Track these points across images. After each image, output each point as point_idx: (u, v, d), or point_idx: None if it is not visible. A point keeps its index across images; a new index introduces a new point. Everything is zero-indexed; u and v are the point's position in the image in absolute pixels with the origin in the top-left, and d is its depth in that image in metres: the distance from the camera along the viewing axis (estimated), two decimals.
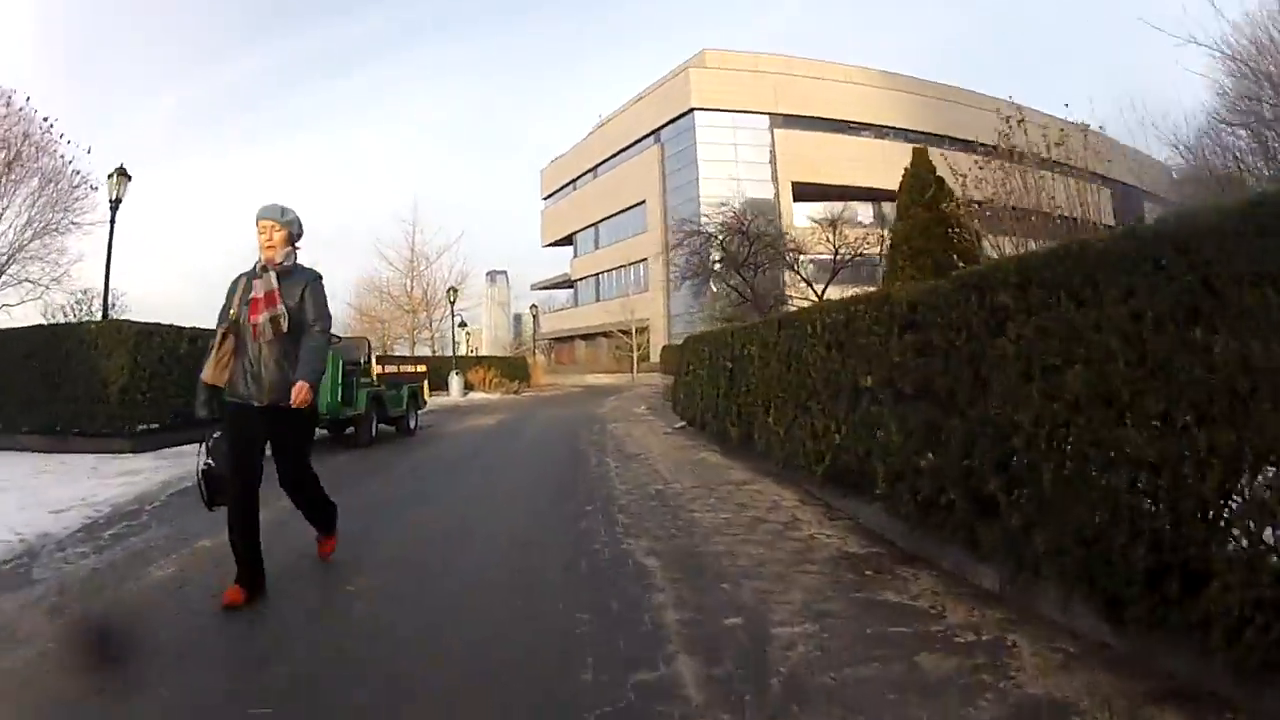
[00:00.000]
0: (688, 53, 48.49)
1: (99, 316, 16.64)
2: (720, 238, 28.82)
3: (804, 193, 43.54)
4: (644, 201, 47.75)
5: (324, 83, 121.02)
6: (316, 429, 10.63)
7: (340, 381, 10.09)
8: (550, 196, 61.83)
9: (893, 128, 45.60)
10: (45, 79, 79.75)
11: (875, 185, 37.28)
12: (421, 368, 16.50)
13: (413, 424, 13.01)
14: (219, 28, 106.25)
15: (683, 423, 12.91)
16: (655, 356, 43.29)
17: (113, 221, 14.18)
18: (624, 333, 42.58)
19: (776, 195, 44.02)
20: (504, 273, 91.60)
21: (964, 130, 37.08)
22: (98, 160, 21.58)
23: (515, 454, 10.72)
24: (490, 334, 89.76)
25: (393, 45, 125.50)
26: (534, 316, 50.96)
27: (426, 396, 14.62)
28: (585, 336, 54.40)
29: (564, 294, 62.00)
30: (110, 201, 13.92)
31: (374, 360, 12.46)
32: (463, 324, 41.62)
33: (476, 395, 27.23)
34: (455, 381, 26.65)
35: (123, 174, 13.91)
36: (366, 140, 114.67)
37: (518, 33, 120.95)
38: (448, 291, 32.00)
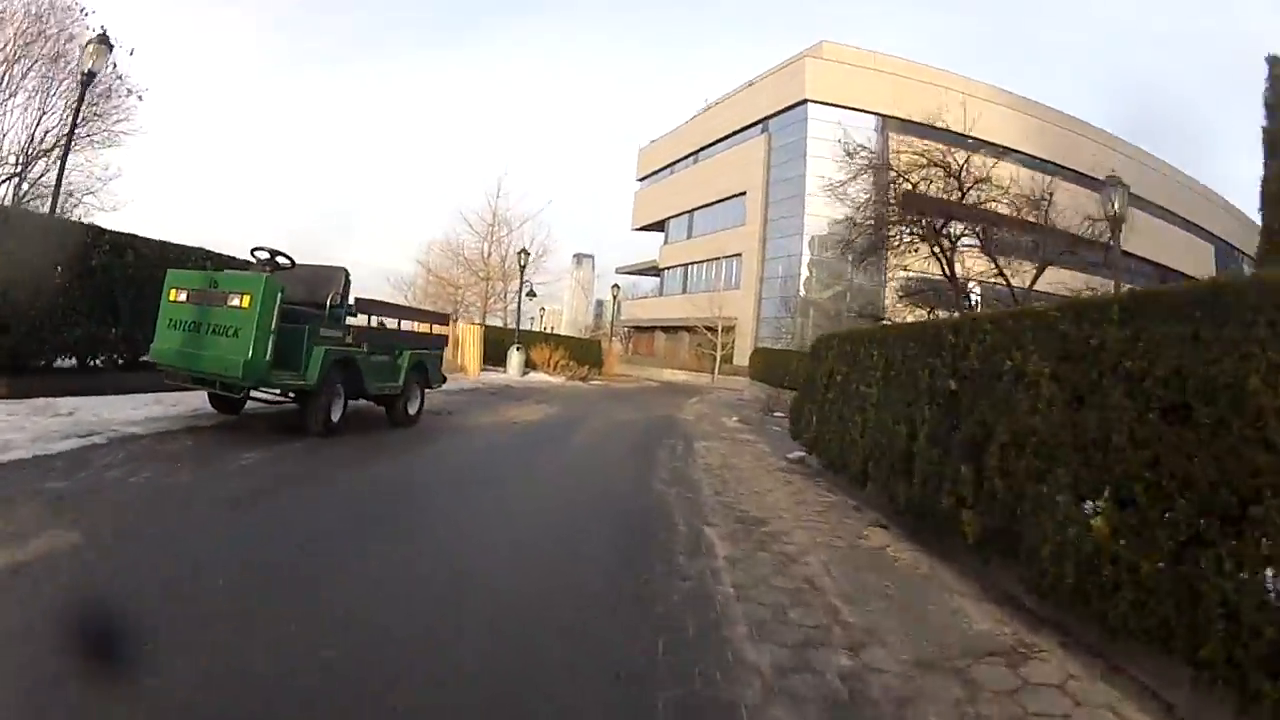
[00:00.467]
0: (803, 44, 43.93)
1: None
2: (911, 178, 19.86)
3: (910, 201, 38.66)
4: (744, 193, 43.71)
5: (424, 51, 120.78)
6: (250, 398, 7.15)
7: (275, 330, 6.29)
8: (646, 178, 58.17)
9: (1011, 149, 40.13)
10: None
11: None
12: (441, 328, 11.98)
13: (413, 408, 9.23)
14: None
15: (800, 453, 8.79)
16: (740, 359, 39.24)
17: (80, 98, 10.84)
18: (709, 329, 38.45)
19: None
20: (590, 256, 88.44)
21: (1083, 164, 31.83)
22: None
23: (544, 485, 6.82)
24: (570, 315, 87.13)
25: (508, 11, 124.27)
26: (614, 300, 47.21)
27: (470, 366, 10.73)
28: (667, 329, 50.55)
29: (649, 282, 58.51)
30: (82, 75, 10.77)
31: (351, 302, 8.38)
32: (531, 293, 37.90)
33: (537, 377, 23.70)
34: (515, 358, 23.15)
35: (103, 41, 10.73)
36: (468, 108, 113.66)
37: (630, 8, 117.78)
38: (519, 254, 28.17)
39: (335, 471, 6.09)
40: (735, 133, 46.42)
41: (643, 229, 59.04)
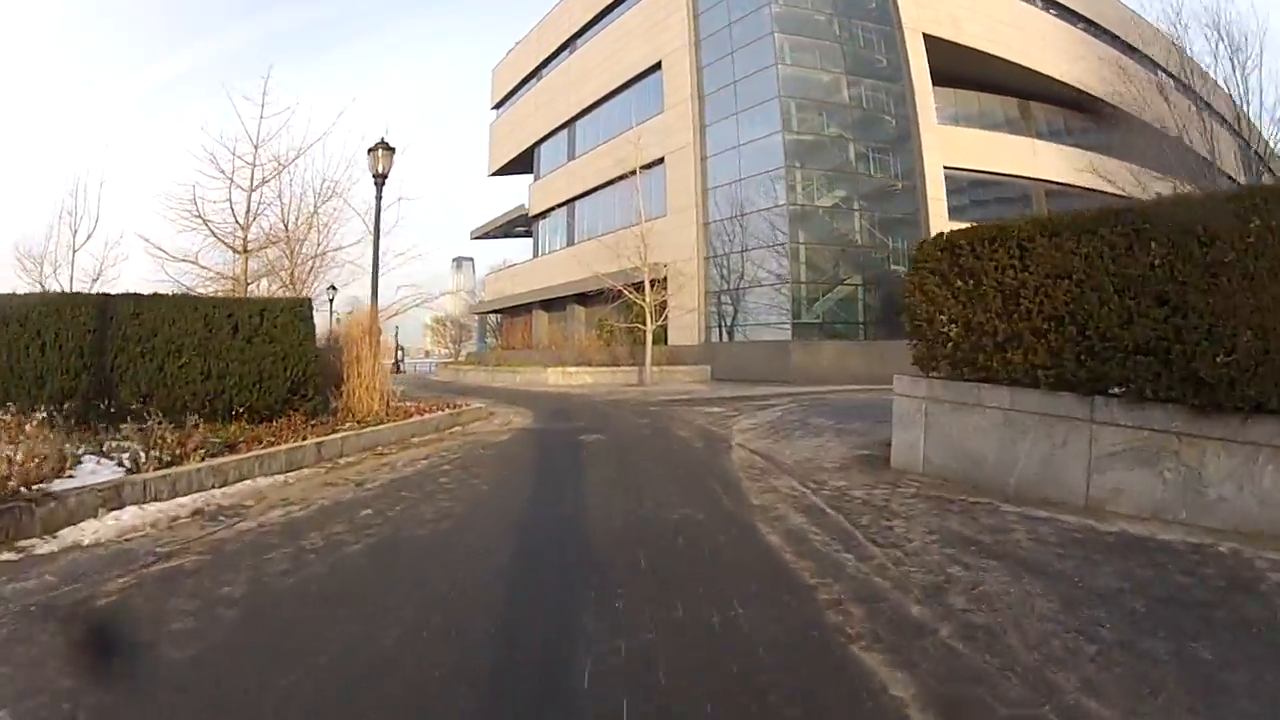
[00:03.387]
0: None
1: None
2: None
3: (942, 66, 23.74)
4: (657, 66, 26.65)
5: None
6: None
7: None
8: (504, 102, 40.46)
9: None
10: None
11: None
12: None
13: None
14: None
15: None
16: (683, 338, 22.53)
17: None
18: (624, 292, 21.07)
19: (903, 61, 23.64)
20: (471, 260, 70.82)
21: None
22: None
23: None
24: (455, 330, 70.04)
25: None
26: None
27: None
28: (550, 304, 33.06)
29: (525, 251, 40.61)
30: None
31: None
32: (331, 288, 22.35)
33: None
34: None
35: None
36: None
37: None
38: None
39: None
40: None
41: (503, 171, 41.30)
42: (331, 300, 28.31)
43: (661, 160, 25.30)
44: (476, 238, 42.26)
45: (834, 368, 20.99)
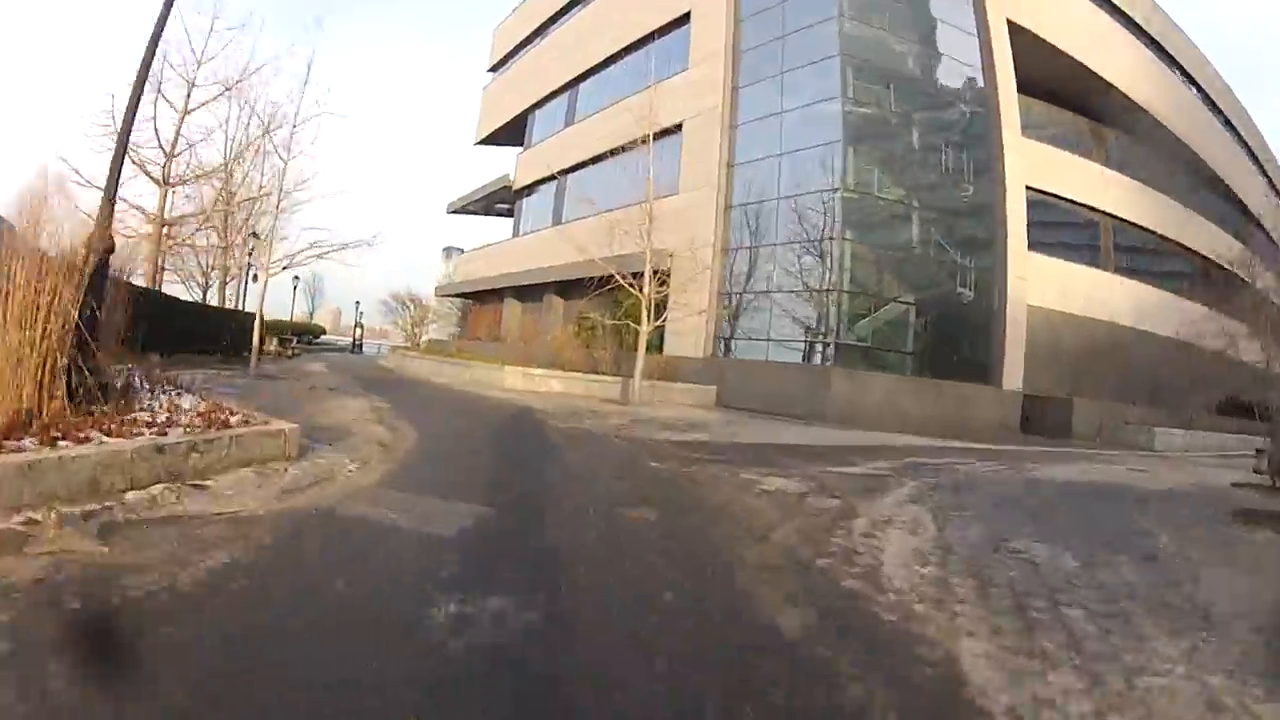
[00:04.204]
0: None
1: None
2: None
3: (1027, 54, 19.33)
4: (685, 18, 21.67)
5: None
6: None
7: None
8: (502, 64, 35.31)
9: None
10: None
11: None
12: None
13: None
14: None
15: None
16: (683, 344, 17.53)
17: None
18: (621, 280, 15.78)
19: (982, 45, 19.14)
20: (461, 250, 65.77)
21: None
22: None
23: None
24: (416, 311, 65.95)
25: None
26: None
27: None
28: (524, 291, 27.86)
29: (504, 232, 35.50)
30: None
31: None
32: (254, 234, 23.22)
33: None
34: None
35: None
36: None
37: None
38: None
39: None
40: None
41: (491, 140, 36.08)
42: (251, 252, 23.00)
43: (679, 128, 20.20)
44: (453, 212, 36.92)
45: (882, 407, 15.95)
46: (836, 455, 9.01)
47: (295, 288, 34.42)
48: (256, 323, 17.56)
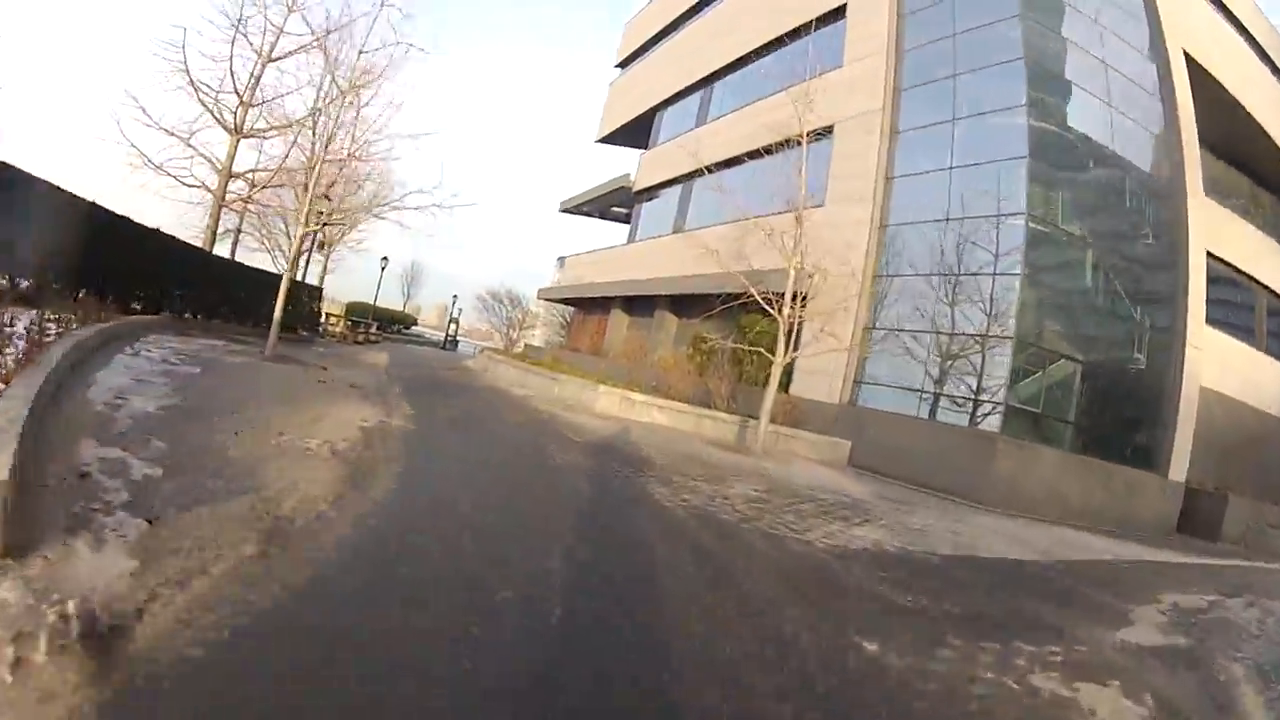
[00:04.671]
0: None
1: None
2: None
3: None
4: (839, 11, 19.15)
5: None
6: None
7: None
8: (631, 60, 33.63)
9: None
10: None
11: None
12: None
13: None
14: None
15: None
16: (836, 389, 14.91)
17: None
18: (759, 299, 13.31)
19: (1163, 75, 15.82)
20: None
21: None
22: None
23: None
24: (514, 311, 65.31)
25: None
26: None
27: None
28: (633, 304, 25.97)
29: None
30: None
31: None
32: (325, 196, 18.43)
33: None
34: None
35: None
36: None
37: None
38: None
39: None
40: None
41: (613, 139, 34.44)
42: (321, 215, 21.39)
43: (829, 131, 17.62)
44: (566, 210, 35.41)
45: (1047, 491, 12.98)
46: (1133, 586, 6.39)
47: (383, 269, 33.29)
48: (281, 287, 12.54)
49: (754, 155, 15.96)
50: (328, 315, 23.04)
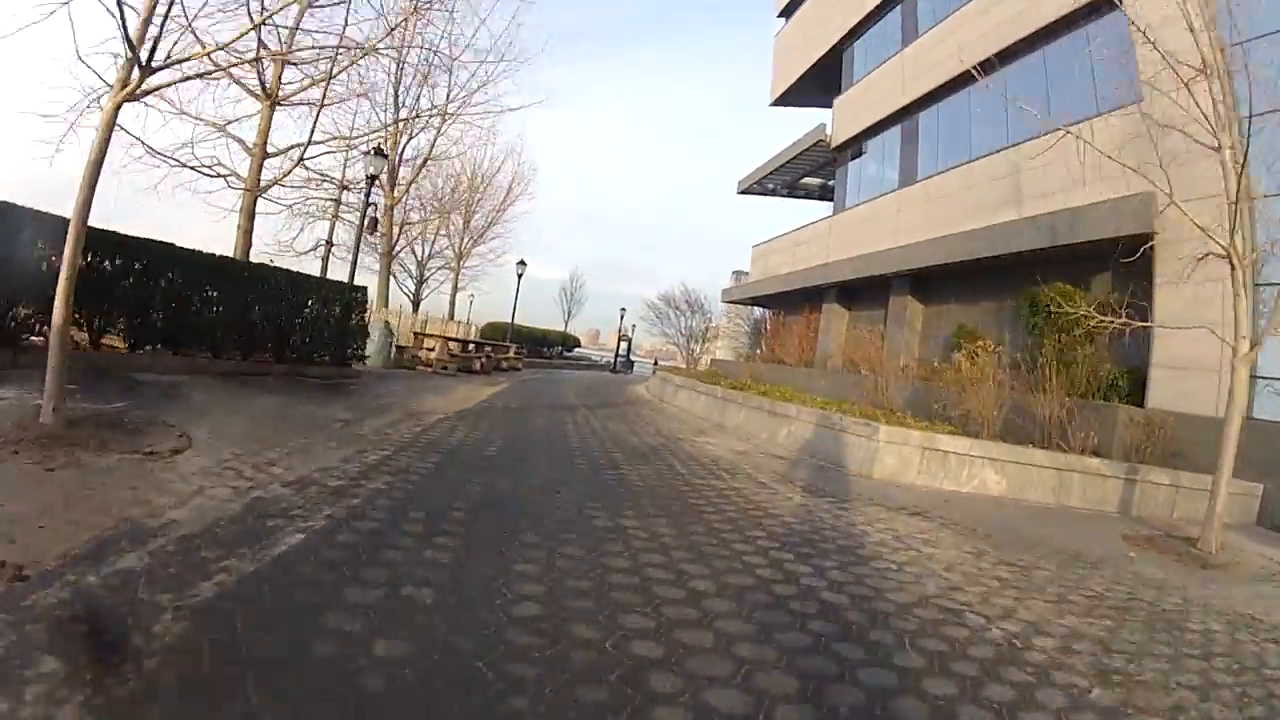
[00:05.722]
0: None
1: None
2: None
3: None
4: None
5: None
6: None
7: None
8: (794, 7, 27.59)
9: None
10: None
11: None
12: None
13: None
14: None
15: None
16: (1233, 400, 7.36)
17: None
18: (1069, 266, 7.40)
19: None
20: (747, 275, 58.82)
21: None
22: None
23: None
24: (731, 344, 60.71)
25: None
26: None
27: None
28: (851, 292, 20.08)
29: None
30: None
31: None
32: (378, 151, 14.20)
33: None
34: None
35: None
36: None
37: None
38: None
39: None
40: None
41: (788, 99, 28.40)
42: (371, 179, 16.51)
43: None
44: (744, 191, 29.82)
45: None
46: None
47: (520, 275, 28.08)
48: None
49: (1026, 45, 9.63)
50: (419, 336, 18.89)
